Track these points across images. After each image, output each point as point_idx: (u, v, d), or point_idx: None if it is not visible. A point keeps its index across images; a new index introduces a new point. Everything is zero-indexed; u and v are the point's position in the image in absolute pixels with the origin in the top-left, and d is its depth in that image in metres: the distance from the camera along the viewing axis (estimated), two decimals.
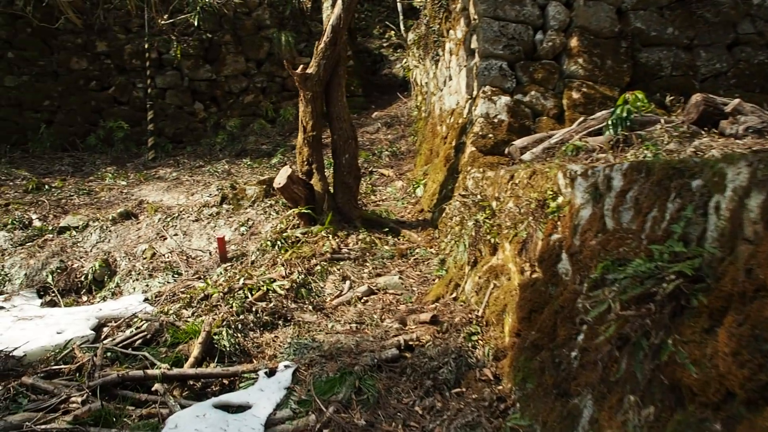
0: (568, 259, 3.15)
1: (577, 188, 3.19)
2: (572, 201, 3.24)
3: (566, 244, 3.20)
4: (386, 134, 11.59)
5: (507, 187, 4.30)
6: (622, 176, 2.74)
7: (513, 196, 4.09)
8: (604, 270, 2.60)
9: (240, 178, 9.10)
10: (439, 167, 7.18)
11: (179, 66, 12.42)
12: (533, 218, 3.63)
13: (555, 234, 3.37)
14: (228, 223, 7.07)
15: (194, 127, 12.44)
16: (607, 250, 2.69)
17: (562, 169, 3.46)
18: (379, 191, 8.33)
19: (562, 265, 3.21)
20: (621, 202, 2.70)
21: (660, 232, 2.35)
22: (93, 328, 4.77)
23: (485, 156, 5.82)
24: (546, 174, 3.67)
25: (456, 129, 6.98)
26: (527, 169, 4.00)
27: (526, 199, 3.79)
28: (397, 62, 17.92)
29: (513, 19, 6.32)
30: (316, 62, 6.23)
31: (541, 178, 3.70)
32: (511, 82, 6.21)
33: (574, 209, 3.19)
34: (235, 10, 12.92)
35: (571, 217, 3.20)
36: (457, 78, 7.43)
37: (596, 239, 2.87)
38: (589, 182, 3.09)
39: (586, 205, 3.06)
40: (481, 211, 4.54)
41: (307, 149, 6.44)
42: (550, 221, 3.45)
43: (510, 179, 4.28)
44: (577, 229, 3.08)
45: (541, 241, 3.48)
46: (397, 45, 18.96)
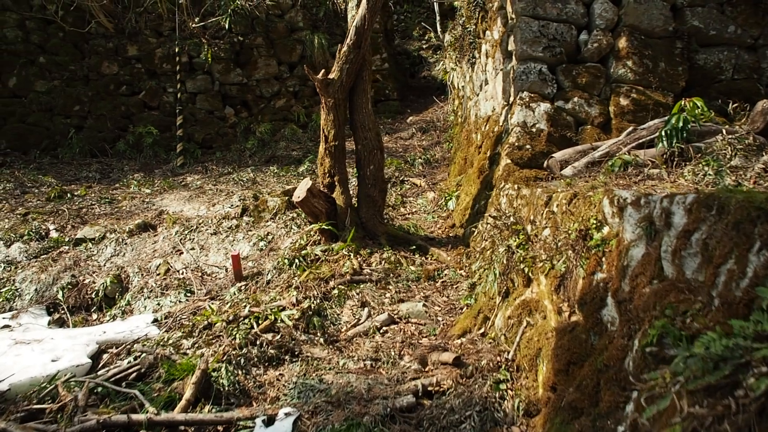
0: (614, 305, 2.60)
1: (627, 220, 2.64)
2: (620, 235, 2.69)
3: (612, 287, 2.65)
4: (421, 140, 11.09)
5: (543, 210, 3.76)
6: (686, 212, 2.19)
7: (550, 222, 3.55)
8: (661, 331, 2.06)
9: (265, 187, 8.76)
10: (473, 179, 6.65)
11: (210, 70, 12.22)
12: (573, 251, 3.08)
13: (599, 273, 2.82)
14: (247, 237, 6.71)
15: (224, 132, 12.22)
16: (666, 305, 2.14)
17: (608, 194, 2.91)
18: (410, 203, 7.85)
19: (607, 312, 2.67)
20: (684, 244, 2.15)
21: (739, 292, 1.80)
22: (91, 355, 4.45)
23: (521, 169, 5.27)
24: (589, 199, 3.12)
25: (491, 138, 6.44)
26: (567, 192, 3.45)
27: (565, 228, 3.25)
28: (436, 64, 17.43)
29: (554, 18, 5.74)
30: (339, 67, 5.80)
31: (583, 204, 3.16)
32: (552, 87, 5.64)
33: (622, 246, 2.64)
34: (267, 12, 12.65)
35: (618, 255, 2.65)
36: (493, 82, 6.89)
37: (651, 287, 2.32)
38: (641, 214, 2.55)
39: (638, 242, 2.51)
40: (514, 236, 4.01)
41: (329, 160, 6.01)
42: (593, 257, 2.91)
43: (547, 202, 3.74)
44: (627, 271, 2.53)
45: (583, 280, 2.94)
46: (436, 47, 18.50)
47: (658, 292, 2.23)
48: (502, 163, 5.48)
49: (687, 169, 4.33)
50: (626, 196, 2.72)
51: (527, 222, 4.01)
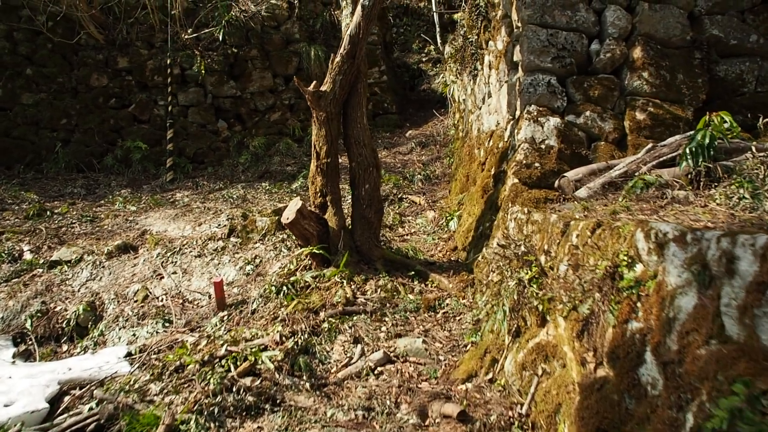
0: (656, 364, 2.14)
1: (670, 260, 2.18)
2: (661, 277, 2.23)
3: (652, 341, 2.19)
4: (420, 155, 10.66)
5: (559, 239, 3.30)
6: (757, 258, 1.73)
7: (569, 255, 3.09)
8: (732, 416, 1.59)
9: (255, 205, 8.31)
10: (476, 198, 6.20)
11: (203, 82, 11.82)
12: (600, 292, 2.62)
13: (634, 321, 2.36)
14: (233, 260, 6.24)
15: (217, 146, 11.79)
16: (734, 377, 1.68)
17: (642, 226, 2.45)
18: (408, 222, 7.39)
19: (646, 372, 2.20)
20: (756, 300, 1.69)
21: None
22: (51, 399, 3.96)
23: (530, 189, 4.82)
24: (617, 231, 2.66)
25: (495, 154, 6.00)
26: (588, 221, 2.99)
27: (588, 264, 2.79)
28: (436, 77, 17.10)
29: (564, 27, 5.32)
30: (332, 78, 5.37)
31: (610, 236, 2.70)
32: (562, 100, 5.21)
33: (664, 291, 2.18)
34: (263, 23, 12.29)
35: (660, 303, 2.19)
36: (496, 95, 6.46)
37: (708, 349, 1.86)
38: (689, 253, 2.09)
39: (687, 290, 2.05)
40: (526, 268, 3.54)
41: (320, 178, 5.56)
42: (625, 301, 2.44)
43: (564, 231, 3.28)
44: (673, 324, 2.07)
45: (613, 329, 2.47)
46: (435, 59, 18.21)
47: (720, 358, 1.76)
48: (509, 183, 5.03)
49: (718, 191, 3.87)
50: (667, 230, 2.26)
51: (540, 252, 3.54)
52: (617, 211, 3.64)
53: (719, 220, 3.02)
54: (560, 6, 5.33)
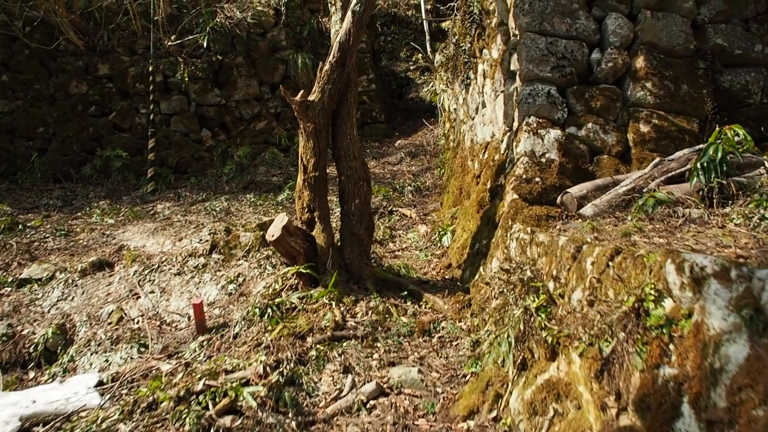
0: (697, 422, 1.85)
1: (711, 299, 1.90)
2: (700, 318, 1.95)
3: (691, 392, 1.91)
4: (410, 166, 10.39)
5: (571, 265, 3.02)
6: None
7: (582, 283, 2.81)
8: None
9: (239, 218, 7.97)
10: (471, 213, 5.92)
11: (186, 90, 11.47)
12: (623, 330, 2.34)
13: (666, 366, 2.07)
14: (215, 278, 5.90)
15: (200, 156, 11.43)
16: None
17: (672, 257, 2.18)
18: (399, 237, 7.09)
19: (684, 427, 1.91)
20: None
21: None
22: None
23: (530, 206, 4.54)
24: (641, 260, 2.39)
25: (491, 167, 5.73)
26: (605, 247, 2.71)
27: (606, 297, 2.51)
28: (424, 86, 16.91)
29: (563, 35, 5.08)
30: (320, 87, 5.07)
31: (632, 266, 2.42)
32: (562, 111, 4.95)
33: (705, 335, 1.90)
34: (249, 30, 11.98)
35: (701, 349, 1.91)
36: (491, 105, 6.20)
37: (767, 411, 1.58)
38: (734, 293, 1.81)
39: (736, 336, 1.77)
40: (533, 295, 3.26)
41: (308, 193, 5.25)
42: (654, 341, 2.16)
43: (575, 255, 3.00)
44: (719, 377, 1.79)
45: (641, 373, 2.19)
46: (424, 68, 18.05)
47: None
48: (508, 198, 4.75)
49: (734, 210, 3.63)
50: (704, 264, 1.98)
51: (548, 277, 3.26)
52: (629, 232, 3.38)
53: (747, 246, 2.76)
54: (559, 13, 5.09)
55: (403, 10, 20.46)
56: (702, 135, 5.02)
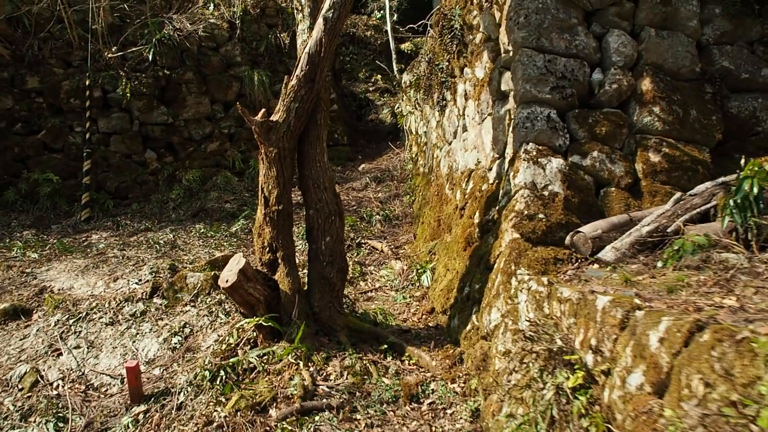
0: None
1: None
2: None
3: None
4: (376, 192, 9.68)
5: (617, 334, 2.35)
6: None
7: (642, 362, 2.13)
8: None
9: (186, 253, 7.04)
10: (456, 250, 5.24)
11: (128, 107, 10.44)
12: None
13: None
14: (156, 329, 4.98)
15: (144, 179, 10.38)
16: None
17: None
18: (371, 275, 6.32)
19: None
20: None
21: None
22: None
23: (534, 247, 3.88)
24: (748, 347, 1.72)
25: (479, 199, 5.07)
26: (680, 319, 2.05)
27: (694, 392, 1.83)
28: (384, 107, 16.41)
29: (563, 52, 4.51)
30: (285, 106, 4.31)
31: (733, 353, 1.75)
32: (564, 138, 4.35)
33: None
34: (200, 44, 11.10)
35: None
36: (475, 129, 5.58)
37: None
38: None
39: None
40: (565, 370, 2.56)
41: (269, 230, 4.44)
42: None
43: (624, 322, 2.33)
44: None
45: None
46: (384, 89, 17.59)
47: None
48: (506, 237, 4.08)
49: None
50: None
51: (584, 348, 2.58)
52: (674, 287, 2.74)
53: None
54: (557, 28, 4.52)
55: (361, 31, 20.01)
56: (714, 166, 4.52)
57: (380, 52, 18.88)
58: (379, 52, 18.92)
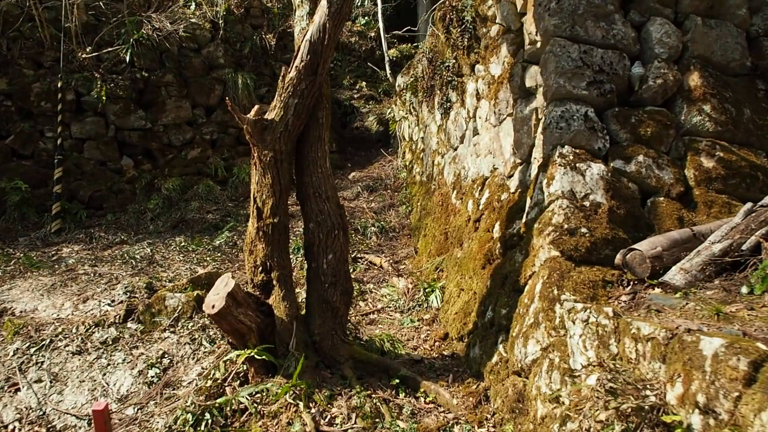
0: None
1: None
2: None
3: None
4: (369, 202, 9.07)
5: (740, 390, 1.77)
6: None
7: None
8: None
9: (166, 269, 6.35)
10: (471, 267, 4.64)
11: (104, 111, 9.71)
12: None
13: None
14: (130, 359, 4.31)
15: (120, 188, 9.64)
16: None
17: None
18: (372, 294, 5.70)
19: None
20: None
21: None
22: None
23: (578, 266, 3.30)
24: None
25: (499, 210, 4.49)
26: None
27: None
28: (370, 114, 15.89)
29: (599, 43, 3.97)
30: (283, 102, 3.70)
31: None
32: (603, 140, 3.79)
33: None
34: (181, 44, 10.43)
35: None
36: (490, 132, 5.01)
37: None
38: None
39: None
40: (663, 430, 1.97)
41: (263, 246, 3.81)
42: None
43: (752, 376, 1.75)
44: None
45: None
46: (369, 96, 17.11)
47: None
48: (542, 255, 3.50)
49: None
50: None
51: (686, 405, 1.99)
52: None
53: None
54: (593, 15, 3.98)
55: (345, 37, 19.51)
56: None
57: (365, 59, 18.44)
58: (364, 59, 18.48)
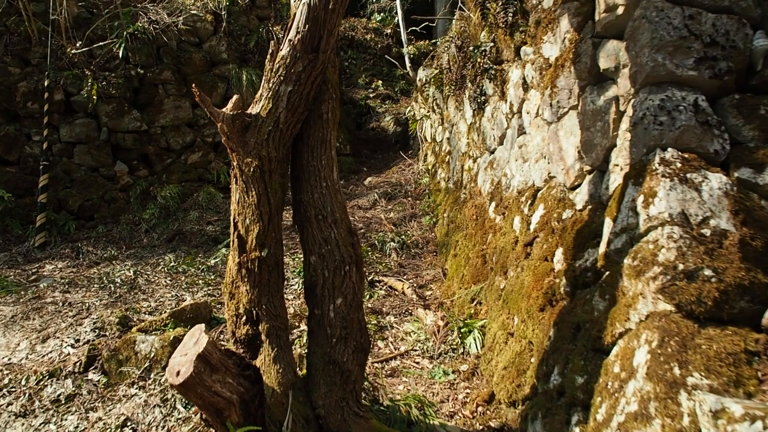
0: None
1: None
2: None
3: None
4: (387, 211, 8.03)
5: None
6: None
7: None
8: None
9: (148, 296, 5.36)
10: (524, 307, 3.57)
11: (95, 112, 8.83)
12: None
13: None
14: (84, 426, 3.32)
15: (113, 197, 8.74)
16: None
17: None
18: (392, 330, 4.64)
19: None
20: None
21: None
22: None
23: (704, 327, 2.23)
24: None
25: (561, 233, 3.42)
26: None
27: None
28: (386, 114, 15.02)
29: (709, 4, 2.88)
30: (271, 90, 2.68)
31: None
32: (721, 139, 2.71)
33: None
34: (180, 38, 9.51)
35: None
36: (543, 131, 3.95)
37: None
38: None
39: None
40: None
41: (247, 288, 2.78)
42: None
43: None
44: None
45: None
46: (385, 96, 16.26)
47: None
48: (643, 308, 2.42)
49: None
50: None
51: None
52: None
53: None
54: None
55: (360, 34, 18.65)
56: None
57: (380, 57, 17.67)
58: (380, 57, 17.70)
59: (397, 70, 17.07)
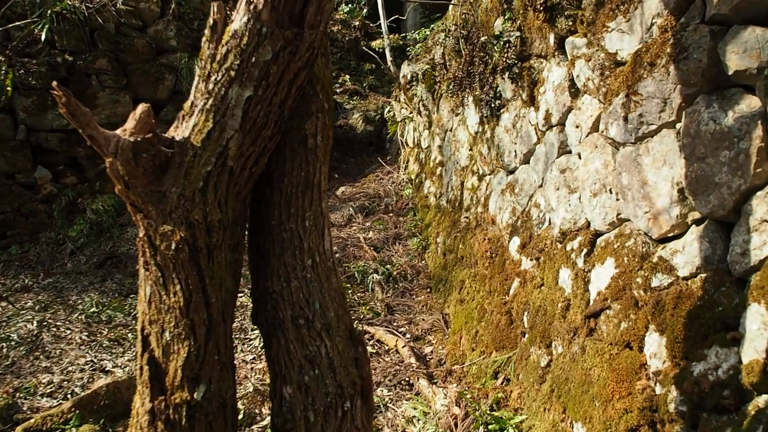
0: None
1: None
2: None
3: None
4: (365, 230, 6.82)
5: None
6: None
7: None
8: None
9: (53, 362, 3.98)
10: (594, 414, 2.43)
11: (11, 106, 7.32)
12: None
13: None
14: None
15: (32, 210, 7.25)
16: None
17: None
18: (388, 417, 3.43)
19: None
20: None
21: None
22: None
23: None
24: None
25: (653, 309, 2.30)
26: None
27: None
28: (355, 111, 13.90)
29: None
30: (212, 95, 1.44)
31: None
32: None
33: None
34: (119, 21, 8.05)
35: None
36: (606, 154, 2.81)
37: None
38: None
39: None
40: None
41: None
42: None
43: None
44: None
45: None
46: (353, 91, 15.10)
47: None
48: None
49: None
50: None
51: None
52: None
53: None
54: None
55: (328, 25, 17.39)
56: None
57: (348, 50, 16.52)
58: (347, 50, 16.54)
59: (366, 65, 16.08)
